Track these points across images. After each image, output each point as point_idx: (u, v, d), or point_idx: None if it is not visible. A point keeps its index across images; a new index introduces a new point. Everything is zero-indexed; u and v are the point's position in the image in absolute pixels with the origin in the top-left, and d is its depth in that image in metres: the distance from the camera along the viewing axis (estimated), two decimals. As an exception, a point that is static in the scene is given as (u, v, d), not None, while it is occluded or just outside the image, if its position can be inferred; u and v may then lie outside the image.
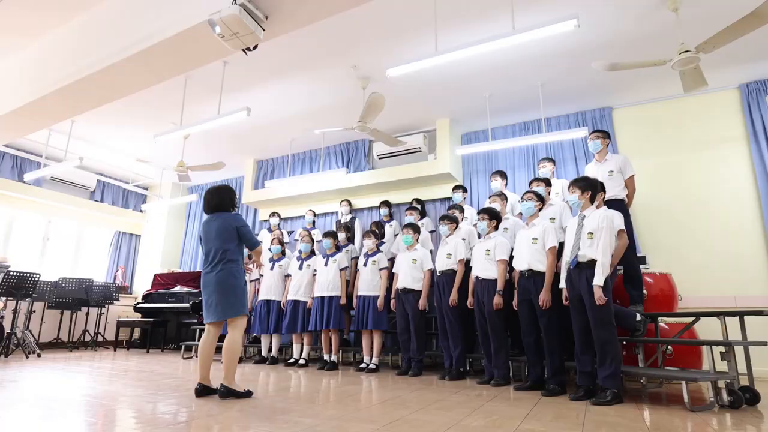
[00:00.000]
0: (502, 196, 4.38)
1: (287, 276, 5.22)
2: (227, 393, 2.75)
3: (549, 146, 5.54)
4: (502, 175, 4.92)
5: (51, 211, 7.49)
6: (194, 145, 6.64)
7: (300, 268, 5.07)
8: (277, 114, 5.67)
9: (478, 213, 3.89)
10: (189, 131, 4.71)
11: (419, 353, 4.19)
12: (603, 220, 3.00)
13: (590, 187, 3.15)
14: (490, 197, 4.43)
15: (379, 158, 6.08)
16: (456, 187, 5.23)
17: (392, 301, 4.47)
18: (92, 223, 8.12)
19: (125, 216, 8.55)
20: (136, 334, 7.79)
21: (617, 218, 3.15)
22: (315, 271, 4.99)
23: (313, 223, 6.32)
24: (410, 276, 4.28)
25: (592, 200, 3.15)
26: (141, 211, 8.81)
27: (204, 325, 5.82)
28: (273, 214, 6.36)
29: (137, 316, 7.41)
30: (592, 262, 2.95)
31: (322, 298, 4.72)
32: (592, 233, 3.01)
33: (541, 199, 3.57)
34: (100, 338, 7.32)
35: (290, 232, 6.60)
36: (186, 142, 6.40)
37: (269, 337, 5.20)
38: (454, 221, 4.21)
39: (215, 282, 2.90)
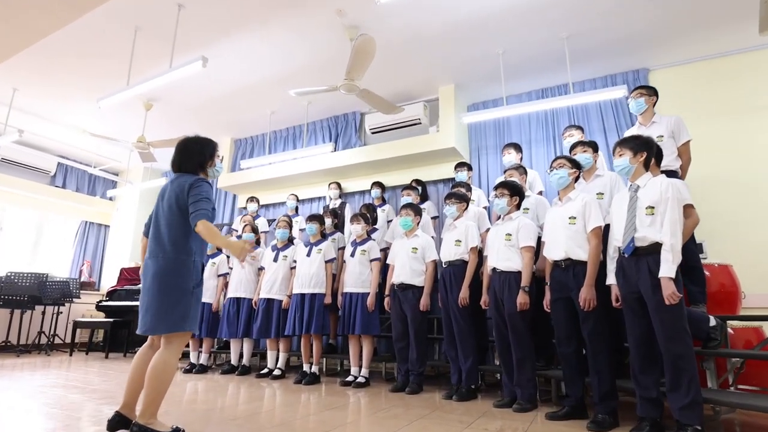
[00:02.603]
0: (521, 170, 3.54)
1: (261, 269, 4.38)
2: (142, 434, 1.92)
3: (572, 115, 4.69)
4: (517, 147, 4.09)
5: (4, 198, 6.62)
6: (159, 120, 5.76)
7: (275, 259, 4.22)
8: (248, 77, 4.81)
9: (496, 188, 3.05)
10: (136, 91, 3.84)
11: (419, 365, 3.35)
12: (667, 190, 2.17)
13: (644, 147, 2.32)
14: (506, 171, 3.60)
15: (372, 133, 5.23)
16: (460, 165, 4.39)
17: (386, 300, 3.63)
18: (54, 211, 7.26)
19: (92, 204, 7.70)
20: (101, 335, 6.94)
21: (684, 188, 2.33)
22: (294, 262, 4.15)
23: (296, 209, 5.47)
24: (409, 268, 3.44)
25: (646, 166, 2.32)
26: (110, 199, 7.95)
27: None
28: (251, 199, 5.50)
29: (101, 316, 6.57)
30: (654, 247, 2.12)
31: (302, 295, 3.87)
32: (652, 208, 2.18)
33: (578, 166, 2.73)
34: (58, 340, 6.47)
35: (271, 221, 5.75)
36: (149, 116, 5.53)
37: (239, 342, 4.36)
38: (463, 200, 3.37)
39: (152, 274, 2.06)
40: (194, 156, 2.24)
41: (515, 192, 2.98)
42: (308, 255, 4.00)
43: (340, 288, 3.91)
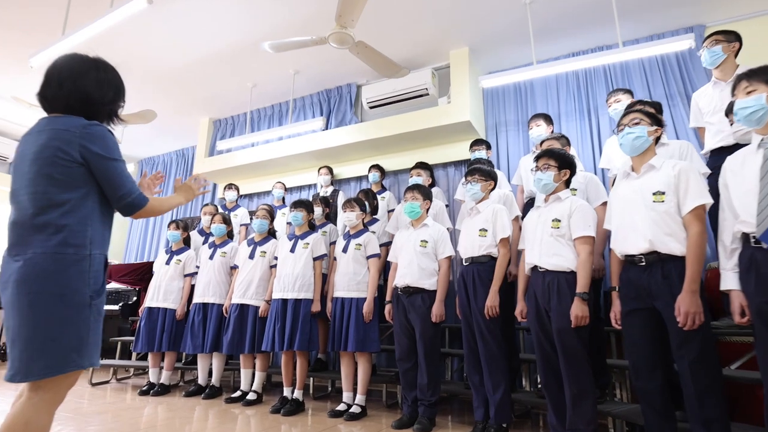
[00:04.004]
0: (563, 140, 2.76)
1: (233, 268, 3.59)
2: None
3: (610, 81, 3.90)
4: (547, 119, 3.32)
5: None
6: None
7: (251, 256, 3.43)
8: (220, 40, 4.01)
9: (537, 158, 2.26)
10: (73, 41, 3.05)
11: (431, 392, 2.56)
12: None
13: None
14: (543, 141, 2.82)
15: (371, 107, 4.43)
16: (477, 142, 3.62)
17: (387, 307, 2.85)
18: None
19: (58, 196, 6.89)
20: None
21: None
22: (275, 260, 3.36)
23: (283, 200, 4.69)
24: (417, 267, 2.66)
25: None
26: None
27: (133, 337, 4.20)
28: (228, 186, 4.71)
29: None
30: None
31: (284, 301, 3.08)
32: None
33: (659, 122, 1.93)
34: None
35: (252, 213, 4.96)
36: (110, 88, 4.71)
37: (208, 357, 3.57)
38: (489, 177, 2.59)
39: (16, 282, 1.26)
40: (103, 88, 1.44)
41: (565, 163, 2.20)
42: (292, 250, 3.20)
43: (330, 291, 3.13)
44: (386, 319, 2.85)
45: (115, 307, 4.98)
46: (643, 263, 1.75)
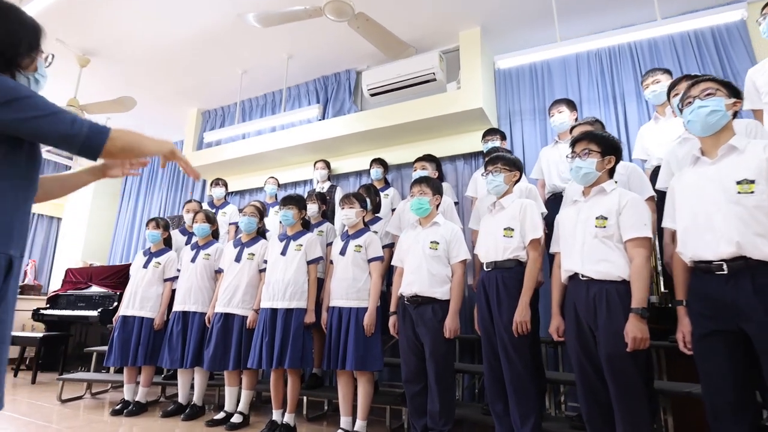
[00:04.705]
0: (597, 125, 2.37)
1: (218, 272, 3.20)
2: None
3: (638, 64, 3.51)
4: (570, 104, 2.95)
5: None
6: (100, 83, 4.55)
7: (237, 258, 3.03)
8: (204, 19, 3.61)
9: (574, 142, 1.87)
10: (36, 6, 2.65)
11: (443, 420, 2.16)
12: None
13: None
14: (574, 127, 2.43)
15: (372, 94, 4.03)
16: (490, 132, 3.26)
17: (391, 320, 2.46)
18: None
19: (38, 193, 6.48)
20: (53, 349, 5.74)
21: None
22: (265, 262, 2.96)
23: (276, 197, 4.29)
24: (426, 272, 2.26)
25: None
26: (62, 188, 6.73)
27: (105, 347, 3.80)
28: (216, 182, 4.31)
29: (41, 326, 5.39)
30: None
31: (274, 311, 2.69)
32: None
33: (737, 94, 1.54)
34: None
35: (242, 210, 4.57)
36: (87, 76, 4.31)
37: (189, 373, 3.17)
38: (514, 166, 2.19)
39: None
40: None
41: (610, 148, 1.81)
42: (283, 253, 2.81)
43: (326, 300, 2.73)
44: (391, 334, 2.46)
45: (94, 313, 4.58)
46: (726, 272, 1.37)
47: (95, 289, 5.03)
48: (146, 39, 3.96)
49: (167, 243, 3.54)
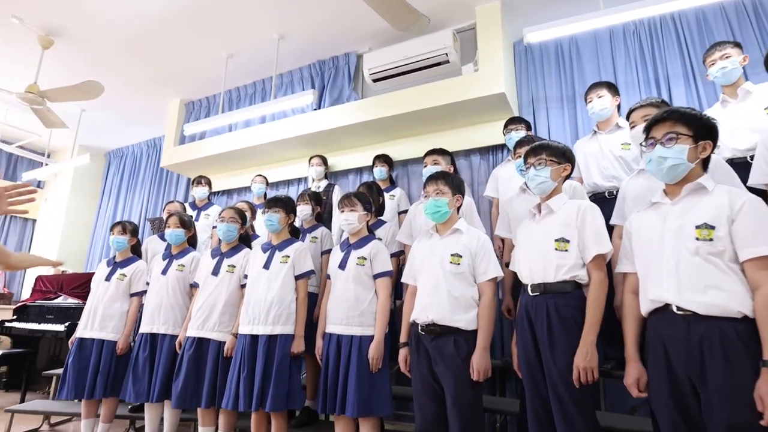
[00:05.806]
0: (663, 106, 1.87)
1: (193, 286, 2.69)
2: None
3: (683, 39, 3.01)
4: (612, 88, 2.49)
5: None
6: (66, 69, 4.02)
7: (215, 271, 2.52)
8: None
9: (649, 126, 1.37)
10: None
11: (471, 484, 1.67)
12: None
13: None
14: (633, 110, 1.94)
15: (374, 79, 3.52)
16: (513, 121, 2.78)
17: (402, 353, 1.95)
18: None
19: (10, 193, 5.96)
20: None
21: None
22: (245, 278, 2.46)
23: (264, 196, 3.79)
24: (447, 294, 1.76)
25: None
26: (38, 186, 6.22)
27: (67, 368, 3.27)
28: (198, 180, 3.80)
29: (8, 341, 4.88)
30: None
31: (254, 338, 2.19)
32: None
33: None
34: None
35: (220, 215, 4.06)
36: (49, 59, 3.78)
37: (158, 408, 2.65)
38: (563, 158, 1.69)
39: None
40: None
41: (704, 131, 1.30)
42: (266, 266, 2.31)
43: (321, 323, 2.23)
44: (401, 370, 1.95)
45: (61, 327, 4.07)
46: None
47: (66, 300, 4.53)
48: (119, 17, 3.44)
49: (135, 251, 3.03)
